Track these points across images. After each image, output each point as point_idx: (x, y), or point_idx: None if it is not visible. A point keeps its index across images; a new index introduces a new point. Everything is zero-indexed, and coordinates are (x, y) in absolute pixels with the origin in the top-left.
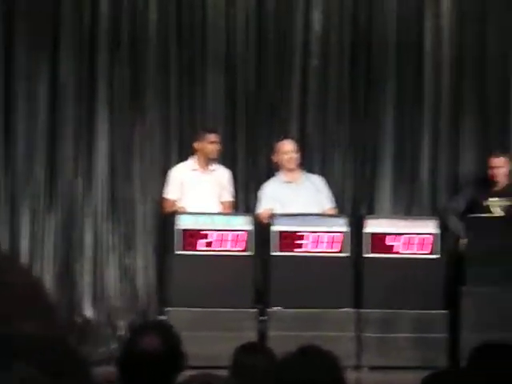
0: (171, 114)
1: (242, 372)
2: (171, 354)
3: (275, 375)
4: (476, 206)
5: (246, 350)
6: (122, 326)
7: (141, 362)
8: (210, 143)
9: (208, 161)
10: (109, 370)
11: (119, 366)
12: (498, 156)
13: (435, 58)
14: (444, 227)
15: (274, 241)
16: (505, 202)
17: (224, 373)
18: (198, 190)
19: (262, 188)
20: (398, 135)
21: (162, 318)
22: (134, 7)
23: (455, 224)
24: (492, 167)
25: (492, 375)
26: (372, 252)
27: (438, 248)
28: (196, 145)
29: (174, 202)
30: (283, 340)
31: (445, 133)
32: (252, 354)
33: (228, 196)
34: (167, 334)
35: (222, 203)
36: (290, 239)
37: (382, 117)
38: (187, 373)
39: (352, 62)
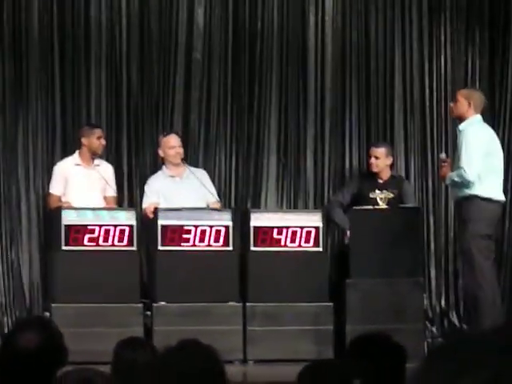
0: (55, 109)
1: (122, 367)
2: (50, 350)
3: (153, 369)
4: (362, 198)
5: (126, 344)
6: (6, 323)
7: (17, 360)
8: (97, 138)
9: (93, 156)
10: None
11: None
12: (378, 146)
13: (319, 52)
14: (329, 220)
15: (159, 235)
16: (387, 195)
17: (108, 368)
18: (82, 185)
19: (147, 182)
20: (282, 129)
21: (46, 314)
22: (16, 2)
23: (340, 217)
24: (370, 156)
25: (367, 364)
26: (257, 245)
27: (323, 241)
28: (83, 140)
29: (58, 197)
30: (169, 335)
31: (329, 126)
32: (132, 348)
33: (111, 191)
34: (46, 329)
35: (105, 198)
36: (175, 233)
37: (265, 111)
38: (69, 368)
39: (235, 57)
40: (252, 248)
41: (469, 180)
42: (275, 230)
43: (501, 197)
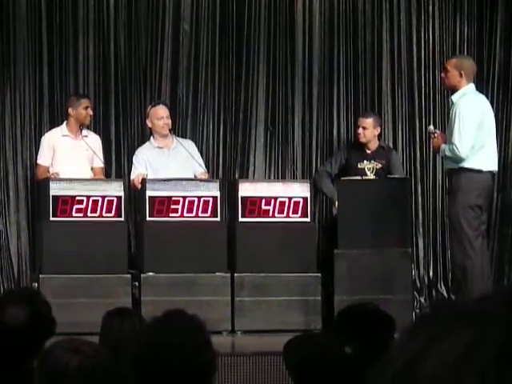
0: (43, 80)
1: (110, 337)
2: (38, 323)
3: (139, 339)
4: (350, 168)
5: (114, 315)
6: None
7: (5, 334)
8: (84, 108)
9: (80, 126)
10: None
11: None
12: (366, 116)
13: (307, 21)
14: (317, 191)
15: (147, 206)
16: (375, 165)
17: (97, 339)
18: (70, 155)
19: (135, 153)
20: (269, 98)
21: (34, 285)
22: None
23: (328, 187)
24: (358, 126)
25: (354, 335)
26: (245, 216)
27: (311, 211)
28: (70, 111)
29: (46, 168)
30: (157, 305)
31: (317, 96)
32: (120, 318)
33: (99, 162)
34: (34, 302)
35: (92, 169)
36: (163, 204)
37: (253, 80)
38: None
39: (222, 27)
40: (240, 219)
41: (461, 156)
42: (263, 201)
43: (492, 167)
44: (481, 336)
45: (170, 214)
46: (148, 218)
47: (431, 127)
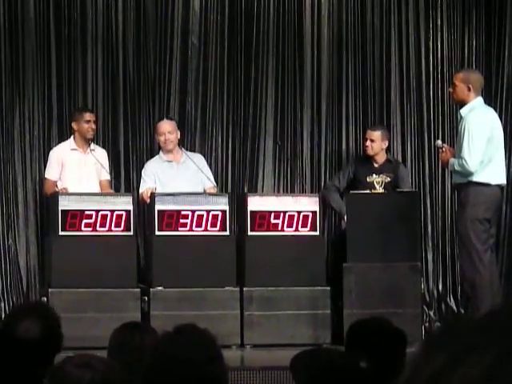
0: (52, 94)
1: (122, 351)
2: (49, 338)
3: (151, 353)
4: (358, 182)
5: (126, 329)
6: (3, 308)
7: (16, 348)
8: (86, 122)
9: (86, 140)
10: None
11: None
12: (374, 129)
13: (315, 35)
14: (326, 205)
15: (156, 220)
16: (384, 179)
17: (105, 353)
18: (78, 170)
19: (144, 167)
20: (278, 112)
21: (43, 299)
22: None
23: (337, 202)
24: (366, 139)
25: (366, 349)
26: (254, 230)
27: (320, 225)
28: (73, 125)
29: (54, 182)
30: (166, 320)
31: (325, 109)
32: (131, 332)
33: (106, 175)
34: (46, 318)
35: (100, 182)
36: (172, 218)
37: (262, 94)
38: (68, 354)
39: (231, 41)
40: (249, 233)
41: (470, 170)
42: (272, 215)
43: (500, 181)
44: (506, 351)
45: (179, 228)
46: (157, 232)
47: (439, 142)
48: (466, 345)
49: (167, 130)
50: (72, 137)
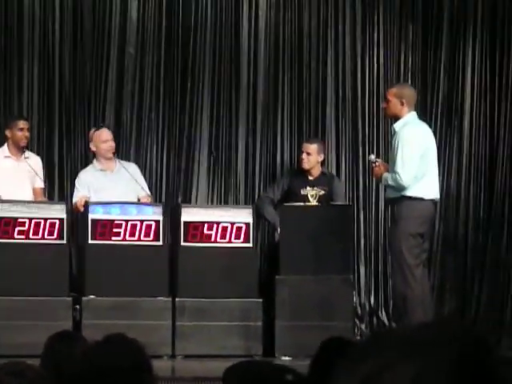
0: None
1: (53, 360)
2: None
3: (80, 362)
4: (293, 195)
5: (58, 337)
6: None
7: None
8: (19, 130)
9: (19, 148)
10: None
11: None
12: (310, 142)
13: (252, 46)
14: (260, 217)
15: (89, 229)
16: (318, 192)
17: (37, 362)
18: (12, 177)
19: (78, 176)
20: (213, 124)
21: None
22: None
23: (271, 213)
24: (302, 152)
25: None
26: (188, 241)
27: (253, 237)
28: (7, 132)
29: None
30: (98, 329)
31: (261, 122)
32: (64, 341)
33: (40, 182)
34: None
35: (34, 190)
36: (105, 227)
37: (198, 105)
38: None
39: (168, 51)
40: (182, 243)
41: (403, 185)
42: (206, 226)
43: (434, 195)
44: (426, 368)
45: (113, 238)
46: (90, 241)
47: (372, 156)
48: (391, 355)
49: (110, 137)
50: (6, 144)
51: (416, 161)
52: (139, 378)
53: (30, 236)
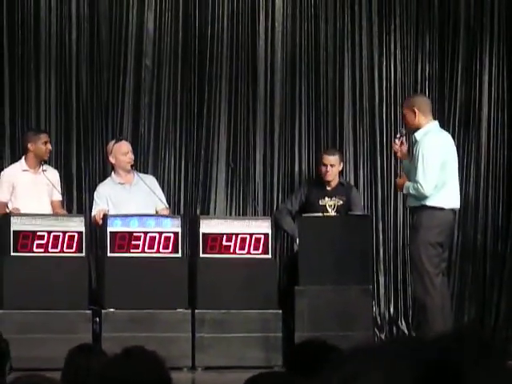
0: (4, 114)
1: (74, 373)
2: None
3: (100, 375)
4: (311, 205)
5: (79, 351)
6: None
7: None
8: (43, 144)
9: (39, 161)
10: None
11: None
12: (332, 154)
13: (268, 57)
14: (278, 228)
15: (108, 242)
16: (336, 202)
17: (58, 375)
18: (30, 190)
19: (96, 189)
20: (231, 134)
21: None
22: None
23: (289, 225)
24: (325, 165)
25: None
26: (206, 252)
27: (272, 248)
28: (29, 146)
29: (5, 203)
30: (117, 342)
31: (278, 132)
32: (85, 355)
33: (58, 195)
34: None
35: (51, 202)
36: (124, 240)
37: (215, 116)
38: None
39: (185, 63)
40: (201, 255)
41: (425, 194)
42: (224, 237)
43: (454, 205)
44: (389, 378)
45: (131, 250)
46: (109, 254)
47: (403, 131)
48: (356, 368)
49: (130, 149)
50: (23, 157)
51: (437, 170)
52: None
53: (49, 249)
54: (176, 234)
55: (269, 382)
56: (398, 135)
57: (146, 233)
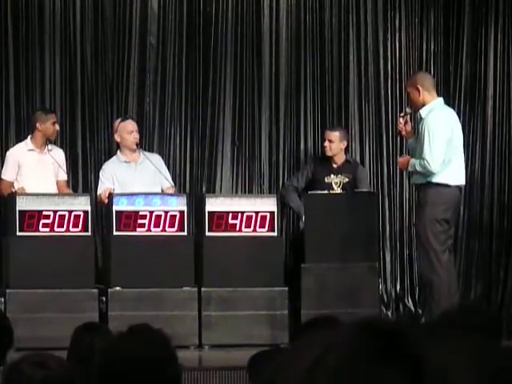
0: (9, 94)
1: (80, 352)
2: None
3: (104, 353)
4: (317, 183)
5: (85, 329)
6: None
7: None
8: (52, 124)
9: (46, 141)
10: None
11: None
12: (333, 130)
13: (273, 35)
14: (284, 205)
15: (114, 221)
16: (342, 179)
17: (64, 354)
18: (35, 170)
19: (102, 168)
20: (236, 113)
21: (1, 299)
22: None
23: (295, 202)
24: (324, 140)
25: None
26: (212, 230)
27: (278, 226)
28: (38, 125)
29: (11, 183)
30: (124, 320)
31: (284, 110)
32: (91, 333)
33: (63, 175)
34: None
35: (57, 182)
36: (130, 219)
37: (220, 94)
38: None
39: (189, 41)
40: (207, 233)
41: (432, 171)
42: (230, 215)
43: (459, 182)
44: (319, 360)
45: (137, 229)
46: (115, 233)
47: (408, 110)
48: (302, 343)
49: (135, 128)
50: (29, 137)
51: (443, 147)
52: (165, 368)
53: (55, 229)
54: (182, 212)
55: (272, 360)
56: (402, 114)
57: (151, 211)
